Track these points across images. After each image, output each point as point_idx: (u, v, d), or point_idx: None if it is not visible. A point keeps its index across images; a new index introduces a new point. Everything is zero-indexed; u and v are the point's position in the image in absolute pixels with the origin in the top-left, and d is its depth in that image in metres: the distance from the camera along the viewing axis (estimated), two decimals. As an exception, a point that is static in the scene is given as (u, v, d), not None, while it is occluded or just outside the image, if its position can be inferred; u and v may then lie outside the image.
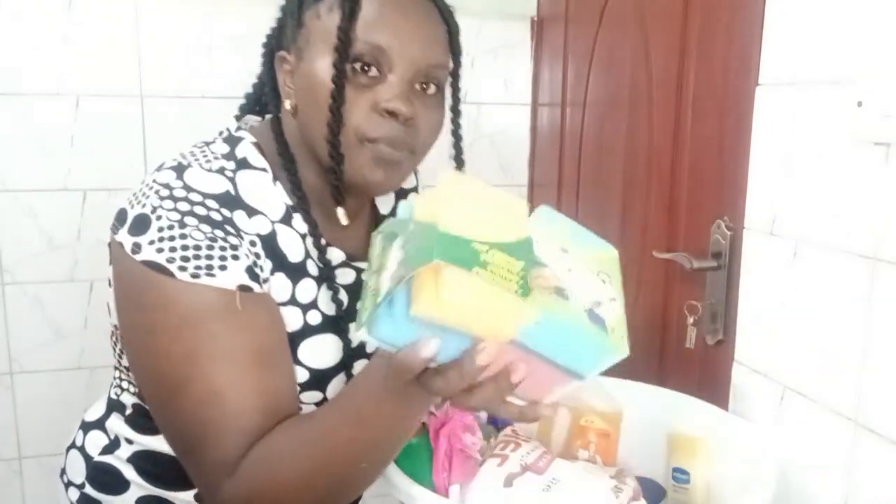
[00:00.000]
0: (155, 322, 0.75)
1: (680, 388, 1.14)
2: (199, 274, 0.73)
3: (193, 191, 0.77)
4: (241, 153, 0.83)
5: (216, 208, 0.77)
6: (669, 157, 1.34)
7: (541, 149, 1.92)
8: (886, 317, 0.90)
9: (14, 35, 1.59)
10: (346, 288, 0.90)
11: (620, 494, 0.94)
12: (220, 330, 0.74)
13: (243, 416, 0.74)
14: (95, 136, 1.67)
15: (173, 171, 0.78)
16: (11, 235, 1.66)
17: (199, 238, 0.74)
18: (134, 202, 0.78)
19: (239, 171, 0.81)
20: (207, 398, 0.74)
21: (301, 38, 0.81)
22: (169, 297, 0.74)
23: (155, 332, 0.75)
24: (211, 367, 0.74)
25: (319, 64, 0.79)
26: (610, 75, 1.57)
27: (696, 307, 1.23)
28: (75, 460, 0.94)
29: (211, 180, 0.79)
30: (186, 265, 0.73)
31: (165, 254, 0.73)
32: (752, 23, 1.10)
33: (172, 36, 1.67)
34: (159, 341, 0.75)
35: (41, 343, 1.72)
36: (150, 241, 0.74)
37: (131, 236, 0.75)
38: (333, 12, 0.78)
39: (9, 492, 1.77)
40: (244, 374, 0.75)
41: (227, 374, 0.74)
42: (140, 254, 0.74)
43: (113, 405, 0.93)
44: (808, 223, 1.01)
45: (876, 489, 0.91)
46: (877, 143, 0.89)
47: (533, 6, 1.89)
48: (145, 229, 0.75)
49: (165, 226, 0.74)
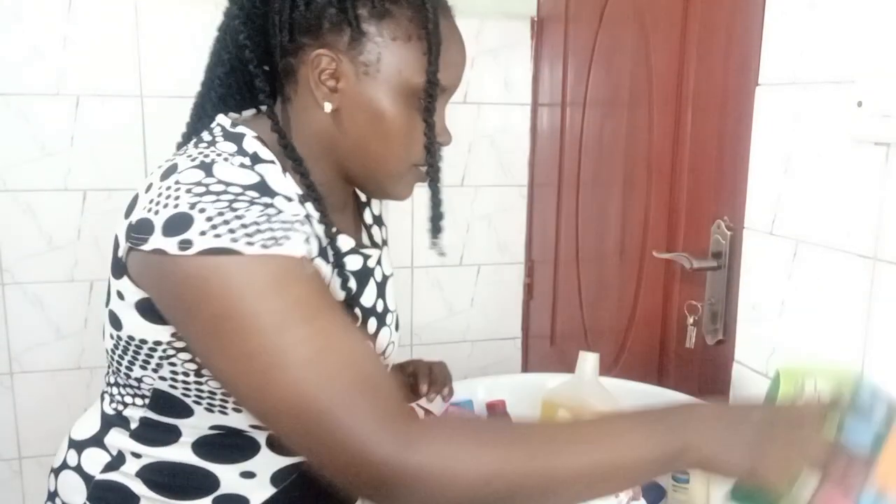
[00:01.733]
0: (232, 304, 0.69)
1: (680, 388, 1.14)
2: (268, 245, 0.70)
3: (231, 184, 0.73)
4: (249, 148, 0.81)
5: (258, 196, 0.74)
6: (669, 157, 1.34)
7: (541, 149, 1.92)
8: (886, 317, 0.90)
9: (14, 35, 1.59)
10: (355, 273, 0.91)
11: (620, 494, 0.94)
12: (302, 293, 0.71)
13: (358, 365, 0.69)
14: (95, 136, 1.67)
15: (199, 170, 0.74)
16: (11, 235, 1.66)
17: (255, 215, 0.71)
18: (157, 208, 0.72)
19: (255, 166, 0.80)
20: (316, 356, 0.68)
21: (369, 52, 0.79)
22: (242, 274, 0.69)
23: (232, 317, 0.69)
24: (307, 328, 0.69)
25: (395, 92, 0.80)
26: (610, 75, 1.57)
27: (696, 307, 1.23)
28: (70, 481, 0.90)
29: (242, 173, 0.76)
30: (252, 239, 0.69)
31: (226, 236, 0.69)
32: (752, 23, 1.10)
33: (172, 36, 1.67)
34: (240, 323, 0.68)
35: (41, 343, 1.72)
36: (202, 232, 0.69)
37: (172, 237, 0.69)
38: (412, 43, 0.79)
39: (9, 492, 1.77)
40: (340, 327, 0.71)
41: (325, 329, 0.70)
42: (193, 247, 0.69)
43: (111, 421, 0.89)
44: (808, 223, 1.01)
45: (876, 489, 0.91)
46: (877, 143, 0.89)
47: (533, 6, 1.89)
48: (189, 225, 0.69)
49: (215, 213, 0.70)
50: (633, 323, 1.47)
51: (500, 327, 2.03)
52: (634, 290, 1.47)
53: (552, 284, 1.86)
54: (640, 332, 1.45)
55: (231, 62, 0.85)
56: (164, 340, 0.78)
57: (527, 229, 2.00)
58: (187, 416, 0.83)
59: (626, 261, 1.51)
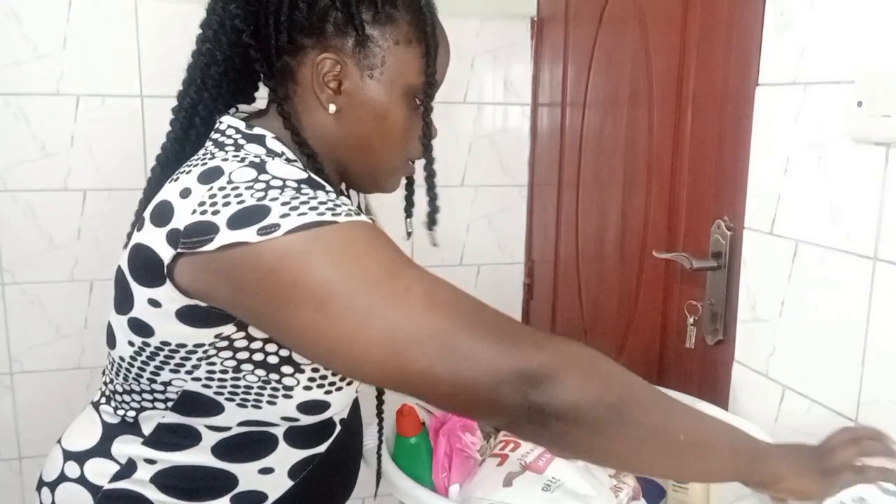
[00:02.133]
0: (337, 266, 0.69)
1: (680, 388, 1.14)
2: (351, 214, 0.72)
3: (287, 179, 0.74)
4: (276, 149, 0.82)
5: (314, 189, 0.75)
6: (669, 157, 1.34)
7: (541, 149, 1.92)
8: (886, 317, 0.90)
9: (14, 35, 1.59)
10: None
11: (620, 494, 0.94)
12: (396, 247, 0.74)
13: (471, 296, 0.72)
14: (95, 136, 1.67)
15: (252, 169, 0.74)
16: (11, 235, 1.66)
17: (325, 197, 0.73)
18: (214, 209, 0.71)
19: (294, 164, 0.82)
20: (434, 289, 0.71)
21: (374, 55, 0.82)
22: (341, 236, 0.70)
23: (343, 276, 0.69)
24: (416, 269, 0.72)
25: (395, 92, 0.83)
26: (610, 75, 1.57)
27: (696, 307, 1.24)
28: (73, 493, 0.88)
29: (292, 170, 0.77)
30: (338, 210, 0.71)
31: (311, 213, 0.69)
32: (752, 23, 1.10)
33: (172, 36, 1.67)
34: (355, 277, 0.69)
35: (41, 343, 1.72)
36: (283, 215, 0.69)
37: (247, 227, 0.69)
38: (412, 46, 0.83)
39: (9, 492, 1.77)
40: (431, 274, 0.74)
41: (424, 271, 0.72)
42: (279, 230, 0.68)
43: (116, 429, 0.88)
44: (808, 223, 1.01)
45: (876, 489, 0.91)
46: (877, 143, 0.89)
47: (533, 6, 1.89)
48: (265, 214, 0.69)
49: (289, 198, 0.71)
50: (633, 323, 1.47)
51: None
52: (634, 290, 1.47)
53: (552, 284, 1.86)
54: (640, 332, 1.45)
55: (227, 62, 0.84)
56: (206, 342, 0.78)
57: (527, 229, 2.00)
58: (217, 414, 0.82)
59: (626, 261, 1.51)
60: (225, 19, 0.83)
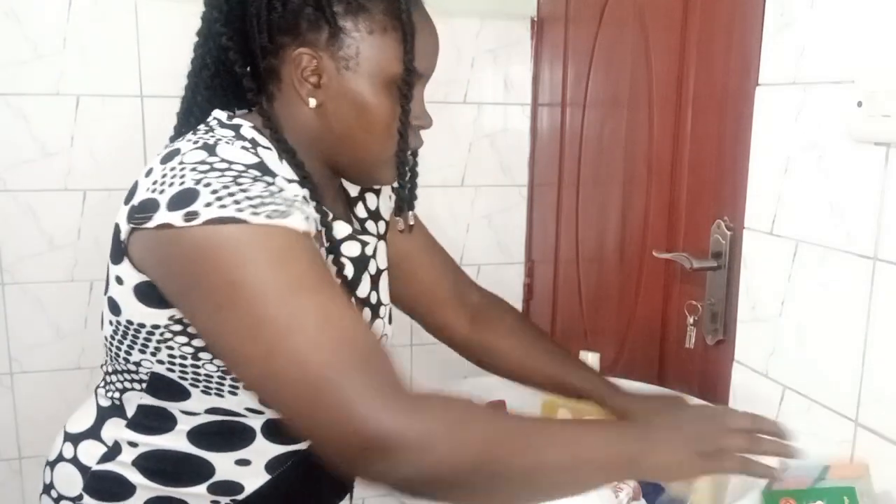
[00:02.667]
0: (242, 272, 0.70)
1: (680, 388, 1.14)
2: (272, 216, 0.71)
3: (233, 163, 0.76)
4: (247, 135, 0.84)
5: (259, 175, 0.76)
6: (669, 157, 1.34)
7: (541, 149, 1.92)
8: (886, 317, 0.90)
9: (14, 35, 1.59)
10: (353, 260, 0.92)
11: (620, 494, 0.94)
12: (309, 262, 0.73)
13: (362, 337, 0.71)
14: (95, 136, 1.67)
15: (202, 150, 0.77)
16: (11, 235, 1.66)
17: (259, 190, 0.73)
18: (161, 188, 0.73)
19: (255, 149, 0.82)
20: (325, 322, 0.69)
21: (347, 47, 0.82)
22: (250, 241, 0.70)
23: (244, 283, 0.69)
24: (317, 295, 0.71)
25: (374, 83, 0.83)
26: (610, 75, 1.57)
27: (696, 307, 1.23)
28: (66, 473, 0.92)
29: (243, 154, 0.79)
30: (258, 210, 0.71)
31: (231, 207, 0.70)
32: (752, 23, 1.10)
33: (172, 36, 1.67)
34: (253, 289, 0.69)
35: (41, 343, 1.72)
36: (207, 203, 0.70)
37: (177, 210, 0.70)
38: (388, 35, 0.82)
39: (9, 492, 1.77)
40: (345, 301, 0.73)
41: (334, 299, 0.71)
42: (198, 218, 0.70)
43: (107, 412, 0.91)
44: (808, 223, 1.01)
45: (876, 489, 0.91)
46: (877, 143, 0.89)
47: (533, 6, 1.89)
48: (195, 198, 0.71)
49: (220, 187, 0.71)
50: (633, 323, 1.47)
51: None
52: (634, 289, 1.47)
53: (552, 284, 1.86)
54: (640, 332, 1.45)
55: (215, 65, 0.87)
56: (161, 324, 0.80)
57: (527, 229, 2.00)
58: (184, 399, 0.84)
59: (626, 261, 1.51)
60: (210, 25, 0.87)
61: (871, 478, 0.91)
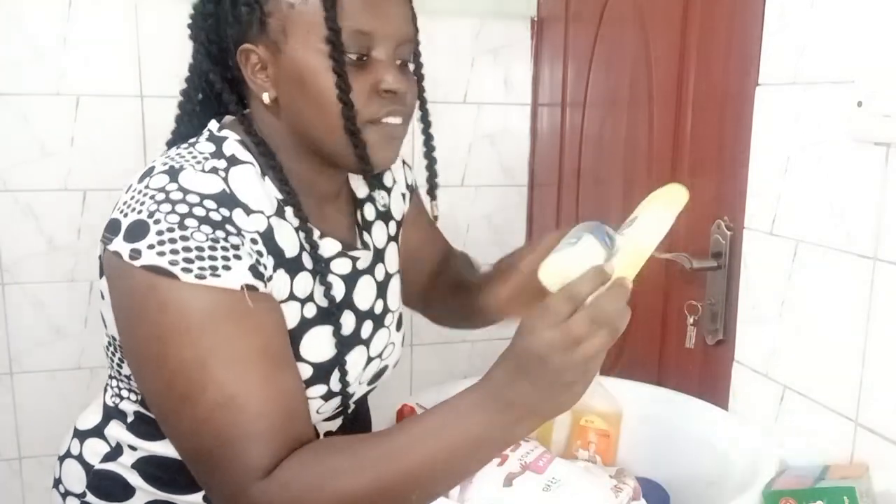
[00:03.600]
0: (161, 329, 0.73)
1: (680, 388, 1.14)
2: (203, 275, 0.72)
3: (190, 192, 0.75)
4: (228, 150, 0.82)
5: (215, 208, 0.76)
6: (669, 157, 1.34)
7: (541, 149, 1.92)
8: (886, 317, 0.90)
9: (14, 35, 1.59)
10: (343, 278, 0.90)
11: (620, 494, 0.94)
12: (229, 332, 0.73)
13: (262, 418, 0.73)
14: (95, 136, 1.67)
15: (166, 175, 0.76)
16: (11, 235, 1.66)
17: (201, 239, 0.73)
18: (126, 210, 0.75)
19: (231, 169, 0.81)
20: (225, 403, 0.72)
21: (273, 30, 0.79)
22: (174, 300, 0.72)
23: (162, 339, 0.73)
24: (225, 371, 0.72)
25: (308, 55, 0.78)
26: (610, 75, 1.57)
27: (696, 307, 1.23)
28: (72, 469, 0.93)
29: (206, 180, 0.77)
30: (191, 266, 0.72)
31: (167, 256, 0.72)
32: (752, 23, 1.10)
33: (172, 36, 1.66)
34: (167, 348, 0.73)
35: (41, 343, 1.72)
36: (150, 245, 0.72)
37: (128, 243, 0.73)
38: (309, 1, 0.78)
39: (9, 492, 1.77)
40: (258, 376, 0.74)
41: (242, 377, 0.73)
42: (140, 259, 0.72)
43: (111, 413, 0.92)
44: (808, 223, 1.01)
45: (876, 489, 0.91)
46: (877, 143, 0.89)
47: (533, 6, 1.89)
48: (144, 234, 0.73)
49: (165, 228, 0.72)
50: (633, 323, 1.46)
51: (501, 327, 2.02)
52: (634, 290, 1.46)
53: (552, 284, 1.86)
54: (640, 332, 1.45)
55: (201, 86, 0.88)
56: None
57: (527, 229, 2.00)
58: None
59: (626, 261, 1.51)
60: (196, 46, 0.87)
61: (871, 478, 0.91)
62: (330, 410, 0.90)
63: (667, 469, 1.08)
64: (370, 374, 0.95)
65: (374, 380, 0.98)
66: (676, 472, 1.07)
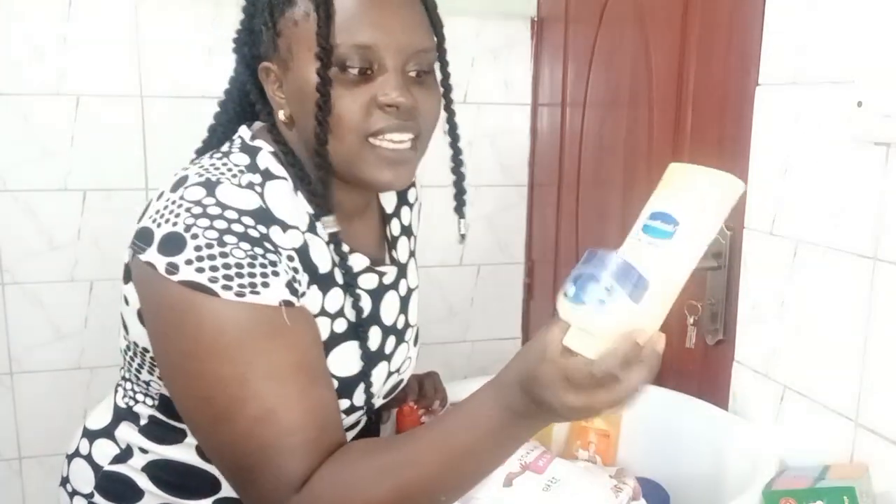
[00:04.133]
0: (200, 345, 0.72)
1: (680, 388, 1.14)
2: (243, 292, 0.71)
3: (228, 208, 0.74)
4: (262, 163, 0.81)
5: (253, 225, 0.74)
6: (669, 157, 1.34)
7: (541, 149, 1.92)
8: (886, 317, 0.90)
9: (14, 35, 1.59)
10: (370, 293, 0.90)
11: (620, 494, 0.94)
12: (267, 348, 0.73)
13: (300, 432, 0.73)
14: (95, 136, 1.67)
15: (202, 188, 0.75)
16: (11, 235, 1.66)
17: (240, 256, 0.72)
18: (160, 220, 0.73)
19: (266, 184, 0.79)
20: (264, 417, 0.72)
21: (282, 48, 0.79)
22: (214, 318, 0.71)
23: (201, 357, 0.72)
24: (263, 387, 0.72)
25: (307, 73, 0.77)
26: (610, 75, 1.57)
27: (696, 307, 1.23)
28: (81, 469, 0.93)
29: (244, 196, 0.76)
30: (230, 283, 0.71)
31: (207, 273, 0.71)
32: (752, 23, 1.10)
33: (172, 36, 1.67)
34: (206, 365, 0.72)
35: (41, 343, 1.72)
36: (188, 261, 0.71)
37: (164, 256, 0.71)
38: (310, 17, 0.76)
39: (9, 492, 1.77)
40: (295, 390, 0.74)
41: (279, 391, 0.73)
42: (177, 274, 0.71)
43: (122, 414, 0.91)
44: (808, 223, 1.01)
45: (875, 489, 0.91)
46: (877, 143, 0.89)
47: (533, 6, 1.89)
48: (180, 248, 0.71)
49: (203, 244, 0.71)
50: (633, 323, 1.47)
51: (500, 327, 2.02)
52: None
53: (552, 284, 1.86)
54: (640, 332, 1.44)
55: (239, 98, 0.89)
56: None
57: (527, 229, 2.00)
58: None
59: (626, 261, 1.50)
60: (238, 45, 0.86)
61: (870, 478, 0.91)
62: (349, 424, 0.90)
63: (667, 469, 1.08)
64: (388, 387, 0.96)
65: (389, 393, 0.98)
66: (676, 472, 1.08)
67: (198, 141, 0.92)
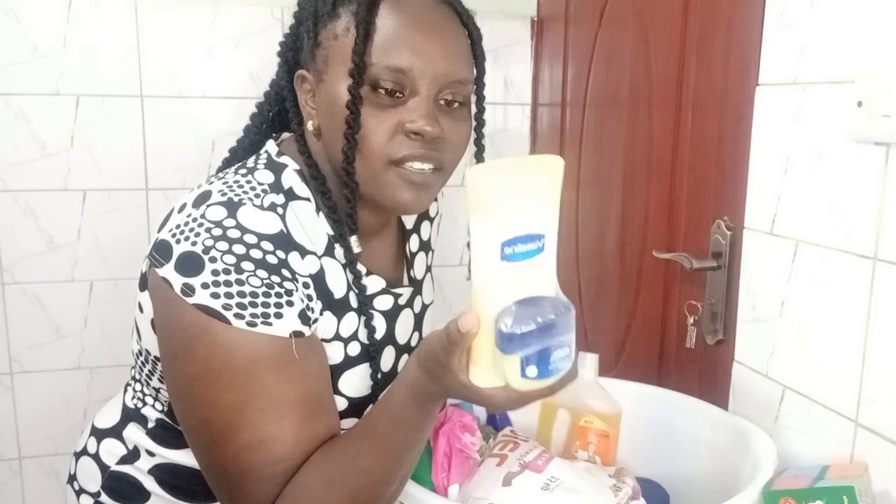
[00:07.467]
0: (206, 370, 0.72)
1: (680, 388, 1.14)
2: (255, 322, 0.72)
3: (248, 231, 0.73)
4: (286, 182, 0.81)
5: (271, 250, 0.74)
6: (669, 157, 1.34)
7: (541, 149, 1.92)
8: (886, 317, 0.90)
9: (14, 35, 1.59)
10: (384, 314, 0.90)
11: (620, 493, 0.94)
12: (272, 380, 0.73)
13: (286, 461, 0.74)
14: (95, 136, 1.67)
15: (224, 208, 0.74)
16: (11, 235, 1.66)
17: (256, 284, 0.72)
18: (179, 237, 0.73)
19: (289, 204, 0.79)
20: (253, 446, 0.73)
21: (319, 59, 0.79)
22: (223, 344, 0.72)
23: (206, 381, 0.73)
24: (259, 417, 0.73)
25: (339, 88, 0.76)
26: (610, 75, 1.57)
27: (696, 307, 1.23)
28: (88, 468, 0.93)
29: (265, 220, 0.75)
30: (243, 312, 0.71)
31: (221, 300, 0.71)
32: (752, 23, 1.10)
33: (172, 36, 1.67)
34: (209, 390, 0.73)
35: (41, 343, 1.72)
36: (204, 284, 0.71)
37: (182, 276, 0.72)
38: (349, 33, 0.76)
39: (9, 492, 1.77)
40: (292, 423, 0.74)
41: (275, 424, 0.73)
42: (193, 297, 0.71)
43: (131, 415, 0.92)
44: (808, 223, 1.01)
45: (875, 488, 0.91)
46: (877, 143, 0.89)
47: (533, 6, 1.89)
48: (197, 270, 0.71)
49: (221, 269, 0.71)
50: (633, 323, 1.47)
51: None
52: (634, 290, 1.47)
53: (552, 284, 1.86)
54: (640, 332, 1.45)
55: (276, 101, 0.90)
56: None
57: (527, 229, 2.00)
58: None
59: (626, 261, 1.51)
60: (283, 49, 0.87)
61: (870, 477, 0.91)
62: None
63: (667, 469, 1.08)
64: None
65: None
66: (676, 472, 1.08)
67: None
